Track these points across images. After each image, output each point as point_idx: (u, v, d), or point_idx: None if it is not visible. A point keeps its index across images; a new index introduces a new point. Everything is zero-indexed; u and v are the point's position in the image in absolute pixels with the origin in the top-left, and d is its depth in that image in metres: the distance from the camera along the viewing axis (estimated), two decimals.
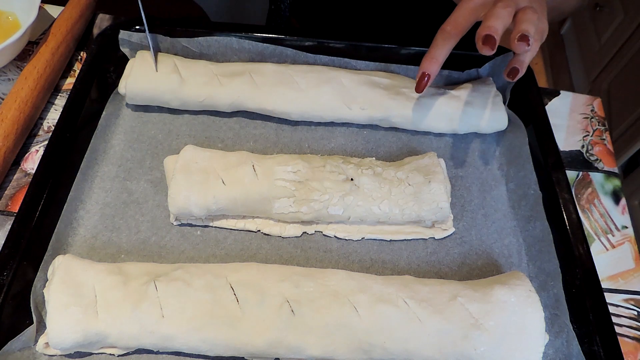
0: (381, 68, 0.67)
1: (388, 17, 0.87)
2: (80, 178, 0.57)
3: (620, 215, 0.64)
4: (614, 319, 0.55)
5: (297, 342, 0.46)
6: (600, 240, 0.62)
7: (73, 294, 0.45)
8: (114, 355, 0.48)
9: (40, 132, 0.64)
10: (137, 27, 0.66)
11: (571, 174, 0.66)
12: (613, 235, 0.62)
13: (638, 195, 1.48)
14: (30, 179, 0.55)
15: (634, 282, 0.58)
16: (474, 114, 0.63)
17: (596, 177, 0.67)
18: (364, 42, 0.68)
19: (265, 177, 0.54)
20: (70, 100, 0.60)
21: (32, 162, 0.61)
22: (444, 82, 0.68)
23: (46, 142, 0.63)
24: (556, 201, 0.57)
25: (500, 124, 0.64)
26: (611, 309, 0.55)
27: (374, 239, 0.57)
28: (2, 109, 0.59)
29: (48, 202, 0.53)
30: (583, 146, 0.70)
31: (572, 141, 0.70)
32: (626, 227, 0.63)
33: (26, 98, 0.61)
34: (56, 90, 0.68)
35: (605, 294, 0.52)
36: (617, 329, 0.54)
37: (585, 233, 0.57)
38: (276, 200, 0.54)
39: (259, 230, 0.56)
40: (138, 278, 0.47)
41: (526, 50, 0.50)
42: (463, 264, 0.56)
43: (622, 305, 0.57)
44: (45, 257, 0.50)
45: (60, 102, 0.67)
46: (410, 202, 0.55)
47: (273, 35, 0.67)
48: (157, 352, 0.48)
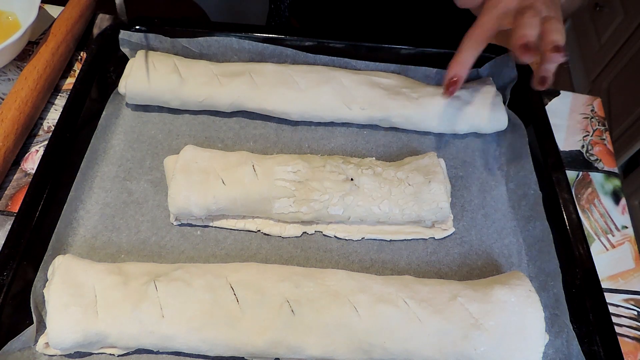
0: (381, 68, 0.67)
1: (388, 17, 0.87)
2: (80, 178, 0.57)
3: (620, 215, 0.64)
4: (614, 319, 0.55)
5: (297, 342, 0.46)
6: (600, 240, 0.62)
7: (73, 294, 0.45)
8: (114, 355, 0.48)
9: (40, 132, 0.64)
10: (137, 27, 0.66)
11: (571, 174, 0.66)
12: (613, 235, 0.62)
13: (638, 195, 1.48)
14: (30, 179, 0.55)
15: (634, 282, 0.58)
16: (474, 114, 0.63)
17: (596, 177, 0.67)
18: (364, 42, 0.68)
19: (265, 177, 0.54)
20: (70, 100, 0.60)
21: (32, 162, 0.61)
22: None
23: (46, 142, 0.63)
24: (556, 201, 0.57)
25: (500, 124, 0.64)
26: (611, 309, 0.55)
27: (374, 239, 0.57)
28: (2, 109, 0.59)
29: (48, 202, 0.53)
30: (583, 146, 0.70)
31: (572, 141, 0.70)
32: (626, 227, 0.63)
33: (26, 98, 0.61)
34: (56, 90, 0.68)
35: (605, 294, 0.52)
36: (617, 329, 0.54)
37: (585, 233, 0.57)
38: (276, 200, 0.54)
39: (259, 230, 0.56)
40: (138, 278, 0.47)
41: (561, 60, 0.51)
42: (463, 264, 0.56)
43: (622, 305, 0.57)
44: (45, 257, 0.50)
45: (60, 102, 0.67)
46: (410, 202, 0.55)
47: (273, 35, 0.67)
48: (157, 352, 0.48)
